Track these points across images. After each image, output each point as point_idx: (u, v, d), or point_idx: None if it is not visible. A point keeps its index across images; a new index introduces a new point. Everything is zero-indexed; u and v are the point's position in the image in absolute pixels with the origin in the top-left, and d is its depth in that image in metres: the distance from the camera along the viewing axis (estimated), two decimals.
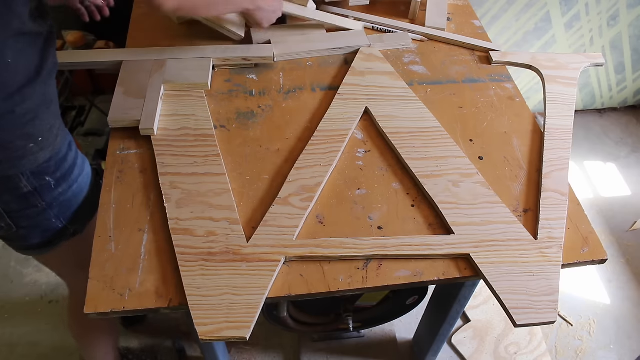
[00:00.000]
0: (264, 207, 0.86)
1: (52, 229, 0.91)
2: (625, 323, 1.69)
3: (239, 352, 1.55)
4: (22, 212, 0.86)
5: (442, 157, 0.94)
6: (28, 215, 0.87)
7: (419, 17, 1.28)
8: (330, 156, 0.93)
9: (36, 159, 0.82)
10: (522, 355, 1.58)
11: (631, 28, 2.01)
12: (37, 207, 0.86)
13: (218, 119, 1.01)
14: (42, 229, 0.90)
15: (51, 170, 0.85)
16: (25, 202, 0.85)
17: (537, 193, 0.91)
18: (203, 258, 0.79)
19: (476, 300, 1.68)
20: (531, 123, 1.03)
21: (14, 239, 0.92)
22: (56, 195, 0.88)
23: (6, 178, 0.81)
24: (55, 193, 0.87)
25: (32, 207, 0.86)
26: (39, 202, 0.86)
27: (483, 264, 0.80)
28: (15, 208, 0.85)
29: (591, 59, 1.17)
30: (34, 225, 0.89)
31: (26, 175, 0.82)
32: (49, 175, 0.85)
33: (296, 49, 1.15)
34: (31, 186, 0.83)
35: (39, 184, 0.84)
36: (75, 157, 0.91)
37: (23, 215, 0.86)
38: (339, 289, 0.78)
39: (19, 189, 0.83)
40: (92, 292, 0.75)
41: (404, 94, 1.05)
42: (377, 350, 1.55)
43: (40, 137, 0.81)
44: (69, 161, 0.88)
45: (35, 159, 0.82)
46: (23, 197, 0.84)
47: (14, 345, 1.54)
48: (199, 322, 0.73)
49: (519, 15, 1.91)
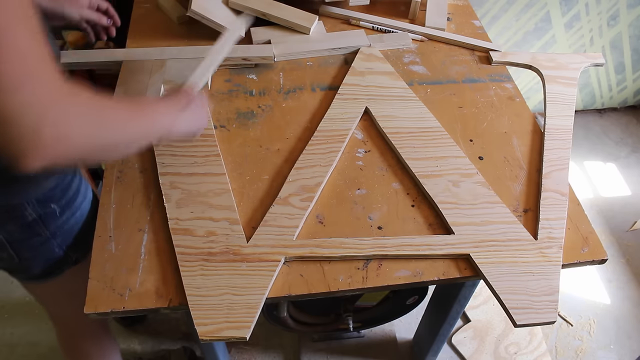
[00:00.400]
0: (264, 207, 0.86)
1: (54, 258, 0.88)
2: (625, 323, 1.69)
3: (239, 352, 1.55)
4: (25, 242, 0.83)
5: (442, 157, 0.94)
6: (31, 245, 0.84)
7: (419, 17, 1.28)
8: (330, 156, 0.93)
9: (41, 186, 0.79)
10: (522, 355, 1.58)
11: (631, 28, 2.01)
12: (41, 235, 0.83)
13: (218, 119, 1.01)
14: (44, 258, 0.87)
15: (57, 198, 0.82)
16: (29, 231, 0.82)
17: (537, 193, 0.91)
18: (203, 258, 0.79)
19: (476, 300, 1.68)
20: (531, 123, 1.03)
21: (16, 270, 0.89)
22: (60, 223, 0.84)
23: (11, 207, 0.78)
24: (59, 221, 0.84)
25: (36, 236, 0.83)
26: (42, 231, 0.83)
27: (483, 264, 0.80)
28: (19, 238, 0.82)
29: (591, 59, 1.17)
30: (36, 255, 0.86)
31: (31, 203, 0.79)
32: (54, 203, 0.82)
33: (296, 49, 1.15)
34: (36, 214, 0.80)
35: (44, 212, 0.81)
36: (79, 183, 0.88)
37: (26, 246, 0.83)
38: (339, 289, 0.78)
39: (24, 218, 0.79)
40: (92, 292, 0.75)
41: (404, 94, 1.05)
42: (377, 350, 1.55)
43: None
44: (73, 188, 0.85)
45: (41, 186, 0.79)
46: (27, 225, 0.81)
47: (14, 345, 1.54)
48: (199, 322, 0.73)
49: (519, 15, 1.91)
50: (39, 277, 0.90)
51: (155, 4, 1.28)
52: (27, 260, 0.86)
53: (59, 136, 0.50)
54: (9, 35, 0.45)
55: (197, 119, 0.79)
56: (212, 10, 1.14)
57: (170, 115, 0.72)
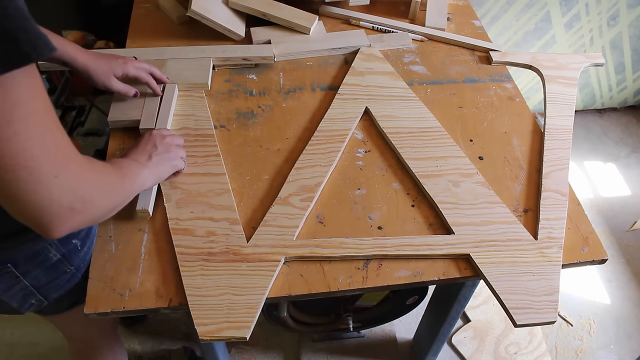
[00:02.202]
0: (264, 207, 0.86)
1: (80, 288, 0.85)
2: (625, 323, 1.69)
3: (239, 352, 1.55)
4: (52, 282, 0.82)
5: (442, 157, 0.94)
6: (58, 284, 0.84)
7: (419, 17, 1.28)
8: (330, 156, 0.93)
9: None
10: (522, 355, 1.58)
11: (631, 28, 2.01)
12: (67, 272, 0.83)
13: (218, 119, 1.01)
14: (72, 292, 0.87)
15: (76, 232, 0.81)
16: (55, 271, 0.81)
17: (537, 193, 0.91)
18: (203, 258, 0.79)
19: (476, 300, 1.68)
20: (531, 123, 1.03)
21: (46, 311, 0.89)
22: (82, 255, 0.85)
23: (35, 252, 0.77)
24: (81, 254, 0.84)
25: (62, 274, 0.83)
26: (68, 267, 0.83)
27: (483, 264, 0.80)
28: (45, 281, 0.82)
29: (591, 59, 1.17)
30: (64, 292, 0.86)
31: (54, 245, 0.79)
32: (75, 238, 0.82)
33: (296, 49, 1.15)
34: (60, 254, 0.80)
35: (67, 250, 0.81)
36: None
37: (53, 286, 0.83)
38: (339, 289, 0.78)
39: (48, 260, 0.79)
40: (92, 292, 0.75)
41: (404, 94, 1.05)
42: (377, 350, 1.55)
43: None
44: None
45: None
46: (52, 267, 0.81)
47: (14, 345, 1.54)
48: (199, 322, 0.73)
49: (519, 15, 1.91)
50: (66, 309, 0.90)
51: (155, 4, 1.28)
52: (55, 300, 0.86)
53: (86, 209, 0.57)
54: (47, 128, 0.51)
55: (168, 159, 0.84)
56: (212, 10, 1.14)
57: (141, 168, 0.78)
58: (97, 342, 1.07)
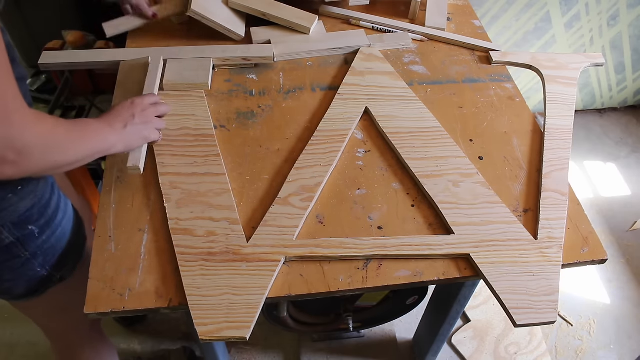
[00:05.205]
0: (264, 207, 0.86)
1: (37, 277, 0.85)
2: (625, 323, 1.69)
3: (239, 352, 1.55)
4: (5, 264, 0.80)
5: (442, 157, 0.94)
6: (11, 267, 0.81)
7: (419, 17, 1.28)
8: (330, 156, 0.93)
9: (16, 209, 0.75)
10: (522, 355, 1.58)
11: (631, 28, 2.01)
12: (21, 257, 0.80)
13: (218, 119, 1.01)
14: (26, 278, 0.84)
15: (34, 219, 0.78)
16: (7, 253, 0.79)
17: (537, 193, 0.91)
18: (203, 258, 0.79)
19: (476, 300, 1.68)
20: (531, 123, 1.03)
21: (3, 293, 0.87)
22: (40, 243, 0.81)
23: None
24: (39, 241, 0.81)
25: (16, 258, 0.80)
26: (22, 252, 0.80)
27: (483, 264, 0.80)
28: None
29: (591, 59, 1.17)
30: (17, 276, 0.83)
31: (7, 227, 0.76)
32: (32, 224, 0.79)
33: (296, 49, 1.15)
34: (13, 237, 0.77)
35: (22, 234, 0.78)
36: (58, 200, 0.83)
37: (5, 268, 0.80)
38: (339, 289, 0.78)
39: (1, 241, 0.77)
40: (92, 292, 0.75)
41: (404, 94, 1.05)
42: (377, 350, 1.55)
43: (20, 185, 0.73)
44: (52, 206, 0.81)
45: (16, 209, 0.75)
46: (5, 248, 0.78)
47: (14, 345, 1.54)
48: (199, 322, 0.73)
49: (519, 15, 1.91)
50: (23, 297, 0.88)
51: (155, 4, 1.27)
52: (9, 282, 0.84)
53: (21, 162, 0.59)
54: None
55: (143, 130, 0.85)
56: (212, 10, 1.14)
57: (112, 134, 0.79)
58: (77, 340, 1.05)
